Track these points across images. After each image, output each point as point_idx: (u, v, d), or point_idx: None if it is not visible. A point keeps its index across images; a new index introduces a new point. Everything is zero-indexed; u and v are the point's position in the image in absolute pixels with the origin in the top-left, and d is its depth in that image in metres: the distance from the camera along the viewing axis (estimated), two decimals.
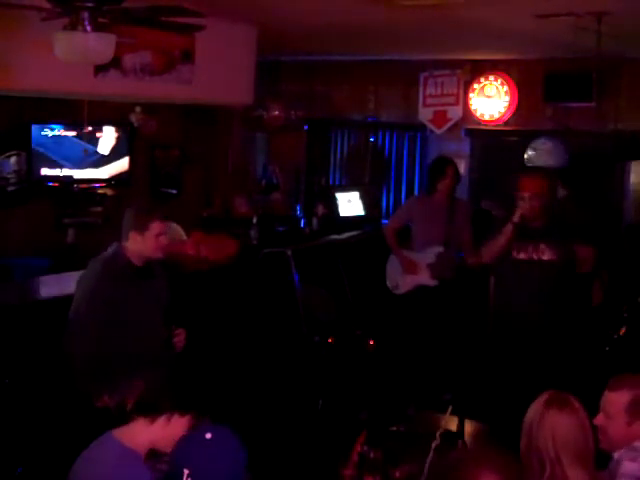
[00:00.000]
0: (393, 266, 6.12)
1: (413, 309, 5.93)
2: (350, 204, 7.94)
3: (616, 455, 2.73)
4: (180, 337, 3.96)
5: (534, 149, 6.86)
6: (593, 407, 2.80)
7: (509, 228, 4.65)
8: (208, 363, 4.15)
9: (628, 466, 2.65)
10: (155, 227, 3.85)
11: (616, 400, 2.74)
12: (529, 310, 4.73)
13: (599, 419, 2.76)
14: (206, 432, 2.39)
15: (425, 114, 7.86)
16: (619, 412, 2.72)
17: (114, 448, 2.65)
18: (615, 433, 2.74)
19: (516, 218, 4.64)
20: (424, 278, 5.90)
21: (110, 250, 3.94)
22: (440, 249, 5.86)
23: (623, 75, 6.75)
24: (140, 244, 3.85)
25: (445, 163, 6.07)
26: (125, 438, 2.66)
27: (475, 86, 7.49)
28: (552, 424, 2.55)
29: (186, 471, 2.25)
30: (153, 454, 2.67)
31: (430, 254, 5.87)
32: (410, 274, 5.96)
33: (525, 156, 6.90)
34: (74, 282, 5.15)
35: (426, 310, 5.84)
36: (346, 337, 5.61)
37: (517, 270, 4.75)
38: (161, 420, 2.69)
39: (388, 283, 6.14)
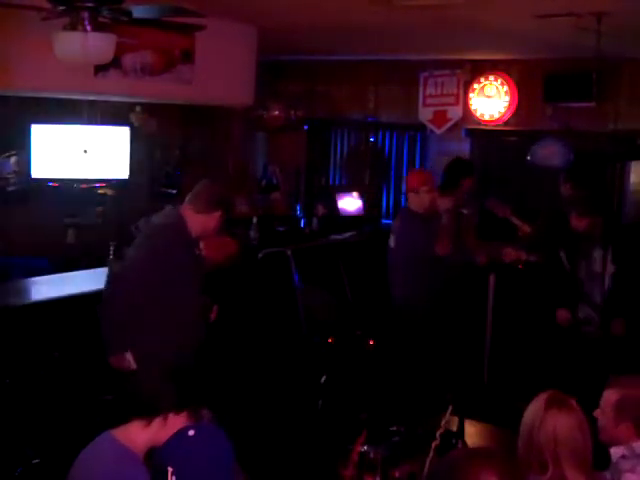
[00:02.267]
0: None
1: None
2: (350, 204, 7.94)
3: (613, 456, 2.74)
4: (214, 313, 4.27)
5: (537, 150, 6.85)
6: (593, 407, 2.81)
7: (447, 217, 5.03)
8: (208, 363, 4.14)
9: (630, 479, 2.65)
10: (217, 215, 4.13)
11: (608, 397, 2.79)
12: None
13: (597, 412, 2.82)
14: (189, 430, 2.40)
15: (425, 114, 7.86)
16: (609, 410, 2.77)
17: (111, 448, 2.66)
18: (606, 430, 2.79)
19: (450, 205, 5.03)
20: None
21: (167, 217, 4.12)
22: None
23: (623, 75, 6.75)
24: (215, 221, 4.13)
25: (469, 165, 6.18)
26: (122, 438, 2.67)
27: (475, 86, 7.49)
28: (554, 425, 2.55)
29: (170, 469, 2.27)
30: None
31: None
32: None
33: (528, 157, 6.89)
34: (74, 282, 5.17)
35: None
36: (346, 337, 5.60)
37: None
38: (157, 421, 2.69)
39: None
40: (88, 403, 4.18)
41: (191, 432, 2.38)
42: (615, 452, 2.74)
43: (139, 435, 2.68)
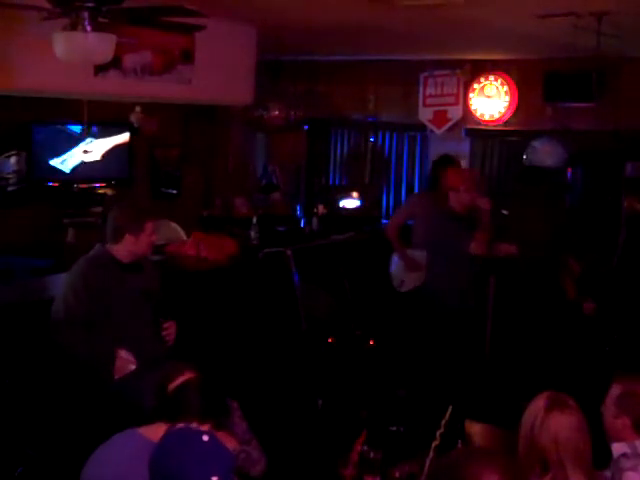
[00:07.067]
0: (397, 265, 6.08)
1: (418, 306, 5.91)
2: (350, 204, 7.94)
3: (615, 453, 2.75)
4: (170, 330, 3.99)
5: (533, 149, 6.86)
6: (593, 407, 2.82)
7: (487, 217, 5.16)
8: (208, 363, 4.14)
9: (631, 477, 2.66)
10: (149, 227, 3.93)
11: (611, 392, 2.83)
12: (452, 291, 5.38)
13: (603, 407, 2.86)
14: (201, 435, 2.35)
15: (425, 114, 7.86)
16: (611, 403, 2.81)
17: (136, 440, 2.67)
18: (606, 424, 2.82)
19: (486, 205, 5.16)
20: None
21: (93, 251, 4.00)
22: None
23: (623, 75, 6.74)
24: (134, 245, 3.92)
25: (450, 160, 6.14)
26: (149, 434, 2.68)
27: (475, 86, 7.49)
28: (555, 427, 2.56)
29: (214, 478, 2.21)
30: None
31: None
32: (413, 272, 5.92)
33: (524, 156, 6.90)
34: None
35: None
36: (346, 337, 5.60)
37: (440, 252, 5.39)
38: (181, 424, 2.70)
39: (394, 283, 6.09)
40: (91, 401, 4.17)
41: (205, 437, 2.34)
42: (616, 449, 2.76)
43: None
